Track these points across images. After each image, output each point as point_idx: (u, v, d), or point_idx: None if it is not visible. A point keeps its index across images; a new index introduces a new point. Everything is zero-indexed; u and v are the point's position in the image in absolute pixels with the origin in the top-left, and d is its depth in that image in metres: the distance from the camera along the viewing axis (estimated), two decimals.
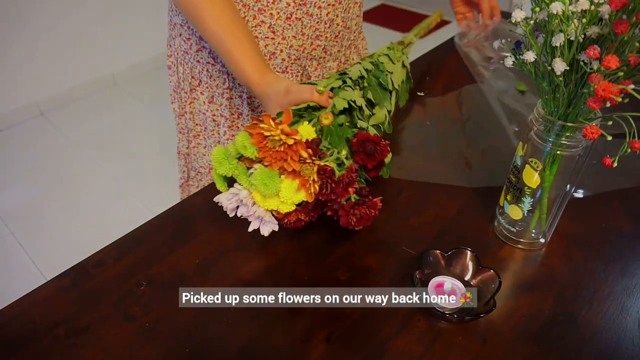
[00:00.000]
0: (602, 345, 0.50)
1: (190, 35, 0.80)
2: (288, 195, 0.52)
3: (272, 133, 0.50)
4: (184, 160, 1.02)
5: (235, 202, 0.56)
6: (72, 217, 1.88)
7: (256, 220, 0.56)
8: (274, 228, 0.56)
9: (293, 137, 0.50)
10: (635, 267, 0.59)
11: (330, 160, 0.55)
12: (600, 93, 0.37)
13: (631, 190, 0.71)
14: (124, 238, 0.63)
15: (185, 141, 0.98)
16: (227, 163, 0.54)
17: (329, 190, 0.51)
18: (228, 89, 0.83)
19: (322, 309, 0.54)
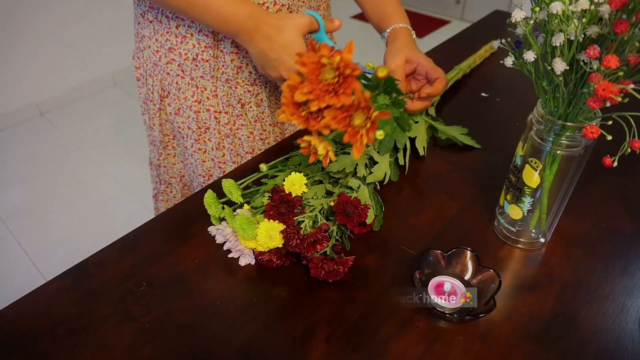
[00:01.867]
0: (602, 346, 0.50)
1: (159, 47, 0.79)
2: (264, 240, 0.56)
3: (330, 61, 0.45)
4: (155, 171, 1.02)
5: (222, 238, 0.61)
6: (72, 217, 1.88)
7: (237, 252, 0.60)
8: (250, 261, 0.59)
9: (352, 68, 0.45)
10: (635, 267, 0.59)
11: (307, 217, 0.57)
12: (600, 93, 0.37)
13: (631, 190, 0.71)
14: (124, 238, 0.63)
15: (156, 153, 0.98)
16: (215, 207, 0.60)
17: (294, 245, 0.54)
18: (196, 102, 0.82)
19: (322, 309, 0.54)
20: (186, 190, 1.02)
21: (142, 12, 0.79)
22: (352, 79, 0.45)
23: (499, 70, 1.03)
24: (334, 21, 0.70)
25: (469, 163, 0.76)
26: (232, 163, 0.91)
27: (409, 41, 0.79)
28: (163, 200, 1.03)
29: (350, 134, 0.47)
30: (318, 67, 0.45)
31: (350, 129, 0.47)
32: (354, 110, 0.46)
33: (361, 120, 0.46)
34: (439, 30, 3.31)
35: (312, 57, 0.45)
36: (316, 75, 0.46)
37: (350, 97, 0.45)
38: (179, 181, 1.00)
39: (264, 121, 0.90)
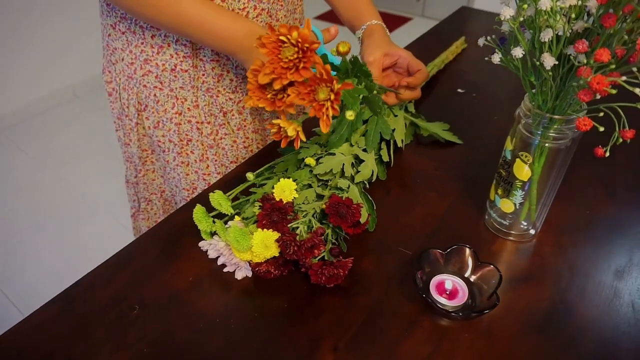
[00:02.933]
0: (601, 331, 0.52)
1: (134, 59, 0.77)
2: (260, 250, 0.54)
3: (288, 37, 0.46)
4: (133, 190, 0.99)
5: (215, 252, 0.59)
6: (42, 241, 1.80)
7: (233, 265, 0.58)
8: (247, 274, 0.58)
9: (310, 42, 0.45)
10: (623, 251, 0.61)
11: (301, 223, 0.57)
12: (595, 86, 0.38)
13: (610, 175, 0.73)
14: (111, 259, 0.61)
15: (132, 170, 0.95)
16: (205, 221, 0.58)
17: (291, 252, 0.53)
18: (177, 114, 0.80)
19: (325, 316, 0.53)
20: (167, 205, 0.99)
21: (113, 24, 0.76)
22: (312, 53, 0.46)
23: (471, 66, 1.05)
24: (330, 30, 0.70)
25: (453, 159, 0.77)
26: (217, 174, 0.89)
27: (385, 37, 0.79)
28: (144, 219, 1.00)
29: (316, 108, 0.47)
30: (278, 46, 0.46)
31: (315, 104, 0.47)
32: (317, 85, 0.47)
33: (325, 93, 0.47)
34: (402, 28, 3.36)
35: (271, 36, 0.46)
36: (276, 54, 0.46)
37: (310, 71, 0.46)
38: (160, 197, 0.97)
39: (247, 129, 0.89)
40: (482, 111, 0.89)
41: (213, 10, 0.65)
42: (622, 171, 0.74)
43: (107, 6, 0.74)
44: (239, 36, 0.66)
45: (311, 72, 0.46)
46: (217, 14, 0.65)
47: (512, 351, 0.50)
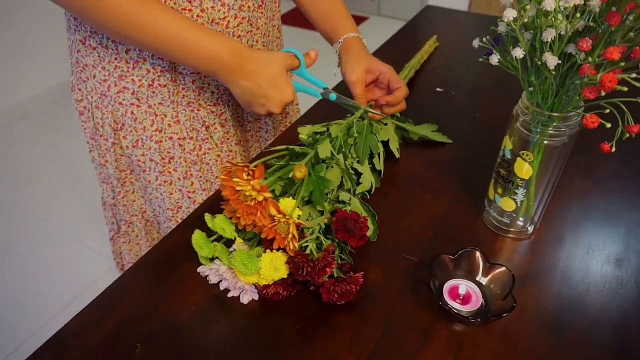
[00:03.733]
0: (611, 319, 0.53)
1: (107, 75, 0.72)
2: (268, 273, 0.52)
3: (243, 188, 0.50)
4: (110, 212, 0.94)
5: (217, 277, 0.56)
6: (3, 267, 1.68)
7: (237, 290, 0.56)
8: (253, 297, 0.56)
9: (263, 194, 0.50)
10: (616, 238, 0.63)
11: (310, 240, 0.55)
12: (607, 84, 0.38)
13: (593, 166, 0.75)
14: (101, 296, 0.56)
15: (110, 191, 0.90)
16: (207, 247, 0.55)
17: (304, 273, 0.52)
18: (157, 131, 0.77)
19: (340, 335, 0.52)
20: (150, 226, 0.95)
21: (82, 39, 0.71)
22: (267, 204, 0.51)
23: (445, 64, 1.06)
24: (310, 55, 0.70)
25: (443, 159, 0.77)
26: (202, 190, 0.85)
27: (363, 50, 0.78)
28: (125, 242, 0.94)
29: (279, 241, 0.52)
30: (235, 191, 0.51)
31: (277, 236, 0.52)
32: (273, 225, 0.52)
33: (284, 230, 0.52)
34: (360, 27, 3.38)
35: (228, 182, 0.51)
36: (236, 197, 0.51)
37: (266, 218, 0.51)
38: (141, 218, 0.92)
39: (230, 141, 0.86)
40: (463, 108, 0.89)
41: (193, 27, 0.61)
42: (601, 160, 0.76)
43: (74, 20, 0.69)
44: (223, 56, 0.62)
45: (267, 219, 0.51)
46: (197, 32, 0.61)
47: (531, 351, 0.50)
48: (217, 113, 0.81)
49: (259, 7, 0.75)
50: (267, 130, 0.94)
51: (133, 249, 0.97)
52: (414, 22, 1.26)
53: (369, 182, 0.65)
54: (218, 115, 0.82)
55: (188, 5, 0.66)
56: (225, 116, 0.83)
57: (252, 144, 0.94)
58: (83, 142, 2.23)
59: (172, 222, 0.89)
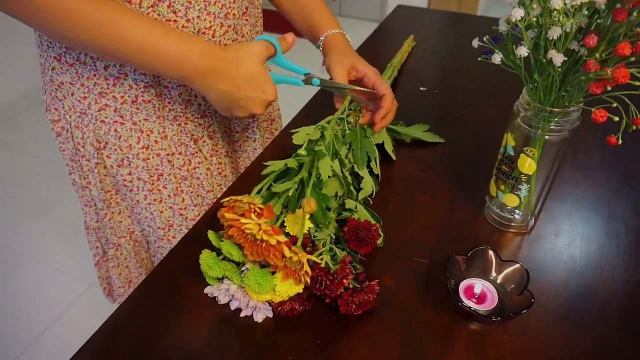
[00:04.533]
0: (623, 301, 0.54)
1: (87, 92, 0.68)
2: (284, 289, 0.51)
3: (253, 232, 0.48)
4: (95, 235, 0.90)
5: (227, 297, 0.54)
6: None
7: (250, 309, 0.54)
8: (267, 315, 0.54)
9: (276, 238, 0.48)
10: (613, 227, 0.65)
11: (324, 253, 0.54)
12: (620, 80, 0.39)
13: (579, 157, 0.77)
14: (107, 322, 0.53)
15: (93, 214, 0.86)
16: (217, 268, 0.53)
17: (323, 287, 0.51)
18: (144, 148, 0.73)
19: (362, 346, 0.51)
20: (138, 247, 0.90)
21: (57, 55, 0.66)
22: (280, 246, 0.48)
23: (424, 63, 1.07)
24: (286, 38, 0.65)
25: (436, 158, 0.77)
26: (194, 206, 0.82)
27: (347, 48, 0.76)
28: (114, 266, 0.90)
29: (289, 273, 0.50)
30: (243, 231, 0.49)
31: (288, 270, 0.50)
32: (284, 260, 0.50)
33: (295, 264, 0.50)
34: None
35: (235, 222, 0.49)
36: (244, 236, 0.50)
37: (279, 259, 0.49)
38: (129, 239, 0.88)
39: (219, 154, 0.83)
40: (449, 106, 0.90)
41: (155, 29, 0.56)
42: (585, 150, 0.78)
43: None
44: (194, 59, 0.58)
45: (280, 260, 0.49)
46: (162, 32, 0.56)
47: (551, 343, 0.51)
48: (205, 125, 0.79)
49: (243, 15, 0.73)
50: (255, 140, 0.92)
51: (122, 272, 0.92)
52: (386, 22, 1.27)
53: (370, 187, 0.64)
54: (206, 128, 0.79)
55: (173, 16, 0.63)
56: (213, 128, 0.80)
57: (240, 154, 0.92)
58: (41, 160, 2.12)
59: (163, 242, 0.86)
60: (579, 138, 0.81)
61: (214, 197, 0.85)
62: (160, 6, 0.61)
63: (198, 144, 0.79)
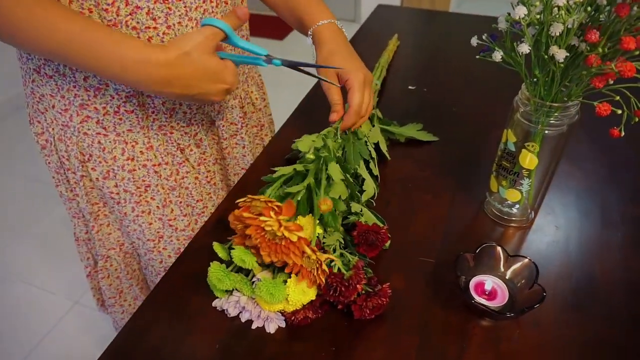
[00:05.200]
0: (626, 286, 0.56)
1: (68, 105, 0.66)
2: (297, 297, 0.50)
3: (273, 229, 0.47)
4: (85, 247, 0.87)
5: (237, 309, 0.53)
6: None
7: (261, 320, 0.53)
8: (280, 325, 0.53)
9: (297, 234, 0.48)
10: (610, 214, 0.66)
11: (336, 258, 0.53)
12: (627, 74, 0.40)
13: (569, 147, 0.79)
14: (115, 343, 0.51)
15: (82, 226, 0.84)
16: (228, 279, 0.52)
17: (337, 293, 0.50)
18: (129, 160, 0.71)
19: (379, 350, 0.50)
20: (129, 259, 0.88)
21: (36, 67, 0.64)
22: (302, 242, 0.48)
23: (409, 62, 1.07)
24: (236, 12, 0.56)
25: (432, 157, 0.77)
26: (183, 216, 0.80)
27: (336, 44, 0.70)
28: (104, 277, 0.87)
29: (304, 274, 0.50)
30: (262, 230, 0.49)
31: (304, 271, 0.50)
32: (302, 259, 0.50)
33: (312, 264, 0.50)
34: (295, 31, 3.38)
35: (253, 220, 0.49)
36: (262, 234, 0.49)
37: (299, 256, 0.49)
38: (119, 251, 0.85)
39: (207, 162, 0.81)
40: (438, 104, 0.91)
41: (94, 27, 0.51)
42: (575, 141, 0.80)
43: None
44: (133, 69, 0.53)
45: (300, 258, 0.49)
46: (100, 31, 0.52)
47: (564, 335, 0.51)
48: (191, 134, 0.77)
49: None
50: (244, 146, 0.90)
51: (113, 283, 0.90)
52: (368, 23, 1.27)
53: (372, 188, 0.64)
54: (192, 136, 0.77)
55: (153, 23, 0.61)
56: (200, 136, 0.79)
57: (229, 161, 0.90)
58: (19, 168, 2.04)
59: (153, 253, 0.83)
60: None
61: (203, 206, 0.83)
62: (139, 13, 0.60)
63: (185, 153, 0.77)
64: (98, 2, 0.58)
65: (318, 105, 0.88)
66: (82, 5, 0.58)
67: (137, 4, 0.59)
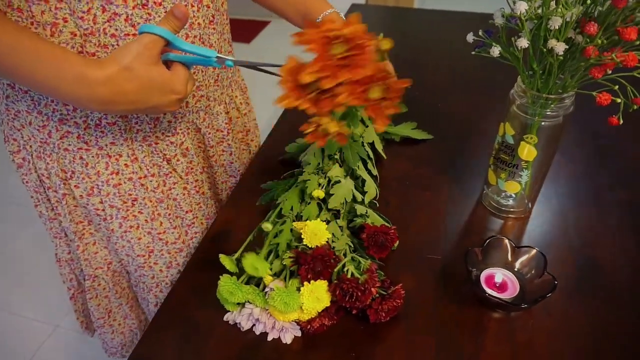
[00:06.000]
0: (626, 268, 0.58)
1: (46, 120, 0.63)
2: (311, 305, 0.49)
3: (340, 33, 0.41)
4: (68, 268, 0.83)
5: (250, 322, 0.52)
6: None
7: (277, 331, 0.52)
8: (296, 334, 0.52)
9: (364, 40, 0.42)
10: (601, 199, 0.68)
11: (348, 263, 0.53)
12: (630, 63, 0.41)
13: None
14: None
15: (64, 246, 0.80)
16: (241, 292, 0.50)
17: (354, 299, 0.49)
18: (113, 174, 0.68)
19: (398, 352, 0.50)
20: (118, 277, 0.84)
21: (11, 82, 0.60)
22: (368, 49, 0.42)
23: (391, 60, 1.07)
24: (174, 13, 0.51)
25: (426, 154, 0.78)
26: (173, 229, 0.78)
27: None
28: (92, 298, 0.83)
29: (373, 108, 0.45)
30: (327, 42, 0.42)
31: (369, 103, 0.44)
32: (371, 83, 0.44)
33: (378, 92, 0.44)
34: (262, 33, 3.35)
35: (316, 33, 0.42)
36: (326, 51, 0.42)
37: (366, 69, 0.42)
38: (107, 270, 0.82)
39: (195, 171, 0.79)
40: (425, 101, 0.92)
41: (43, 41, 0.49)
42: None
43: None
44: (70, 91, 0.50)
45: (369, 69, 0.42)
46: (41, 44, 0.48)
47: (573, 320, 0.53)
48: (177, 143, 0.74)
49: (210, 23, 0.69)
50: (232, 153, 0.88)
51: (101, 303, 0.86)
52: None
53: (374, 189, 0.64)
54: (178, 146, 0.75)
55: (132, 30, 0.59)
56: (186, 145, 0.76)
57: (217, 169, 0.88)
58: None
59: (144, 269, 0.80)
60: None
61: (193, 217, 0.81)
62: (117, 20, 0.57)
63: (172, 163, 0.75)
64: (73, 10, 0.55)
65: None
66: (56, 15, 0.55)
67: (115, 11, 0.57)
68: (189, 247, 0.81)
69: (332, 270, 0.51)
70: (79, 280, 0.85)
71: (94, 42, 0.58)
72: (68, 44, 0.57)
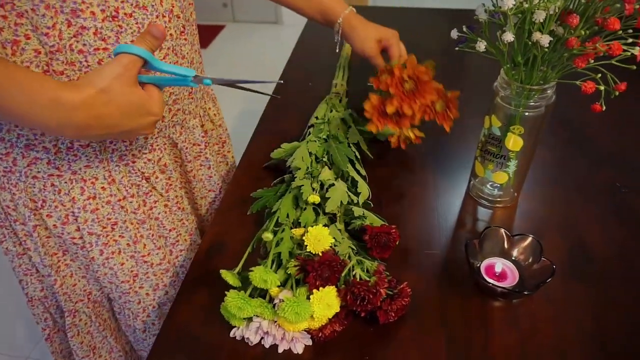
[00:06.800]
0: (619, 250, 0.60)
1: (9, 148, 0.59)
2: (322, 312, 0.48)
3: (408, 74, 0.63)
4: (41, 307, 0.77)
5: (259, 335, 0.50)
6: None
7: (285, 342, 0.50)
8: (306, 343, 0.51)
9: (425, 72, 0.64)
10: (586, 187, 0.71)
11: (355, 267, 0.52)
12: (615, 52, 0.43)
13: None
14: None
15: (36, 283, 0.74)
16: (248, 306, 0.49)
17: (365, 302, 0.49)
18: (90, 199, 0.65)
19: (412, 352, 0.50)
20: (99, 307, 0.80)
21: None
22: (430, 81, 0.65)
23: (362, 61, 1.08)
24: (152, 32, 0.49)
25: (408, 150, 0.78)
26: (157, 249, 0.74)
27: (364, 22, 0.84)
28: (74, 335, 0.78)
29: (440, 117, 0.67)
30: (402, 82, 0.64)
31: (437, 115, 0.67)
32: (436, 100, 0.66)
33: (441, 105, 0.67)
34: (220, 36, 3.29)
35: (393, 80, 0.64)
36: (400, 88, 0.64)
37: (434, 93, 0.65)
38: (87, 302, 0.77)
39: (174, 187, 0.76)
40: None
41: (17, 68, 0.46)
42: None
43: None
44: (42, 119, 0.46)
45: (435, 94, 0.65)
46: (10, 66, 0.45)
47: (572, 303, 0.54)
48: (155, 160, 0.71)
49: (181, 34, 0.67)
50: (210, 167, 0.85)
51: (84, 340, 0.81)
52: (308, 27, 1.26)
53: (367, 189, 0.64)
54: (156, 162, 0.72)
55: (102, 44, 0.56)
56: (164, 161, 0.73)
57: (195, 184, 0.85)
58: None
59: (130, 295, 0.76)
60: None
61: (177, 234, 0.78)
62: (85, 34, 0.54)
63: (151, 181, 0.71)
64: (36, 26, 0.51)
65: (283, 109, 0.86)
66: (16, 32, 0.51)
67: (82, 24, 0.54)
68: (175, 266, 0.78)
69: (339, 275, 0.50)
70: (55, 319, 0.80)
71: (61, 59, 0.54)
72: (32, 63, 0.53)
